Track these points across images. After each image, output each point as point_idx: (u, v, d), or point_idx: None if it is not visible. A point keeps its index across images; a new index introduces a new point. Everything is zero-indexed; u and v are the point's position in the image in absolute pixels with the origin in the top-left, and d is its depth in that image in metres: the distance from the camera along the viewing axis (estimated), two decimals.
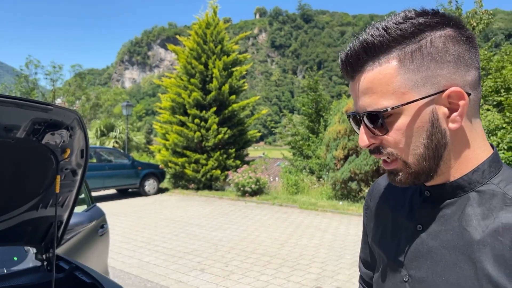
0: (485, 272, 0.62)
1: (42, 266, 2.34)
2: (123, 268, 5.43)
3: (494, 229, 0.63)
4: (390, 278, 0.78)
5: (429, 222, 0.72)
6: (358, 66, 0.67)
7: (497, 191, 0.67)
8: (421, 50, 0.64)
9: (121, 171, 12.05)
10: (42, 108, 1.59)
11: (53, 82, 31.20)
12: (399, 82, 0.64)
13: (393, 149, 0.68)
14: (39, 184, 1.98)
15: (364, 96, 0.67)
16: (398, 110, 0.65)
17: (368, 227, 0.91)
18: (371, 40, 0.65)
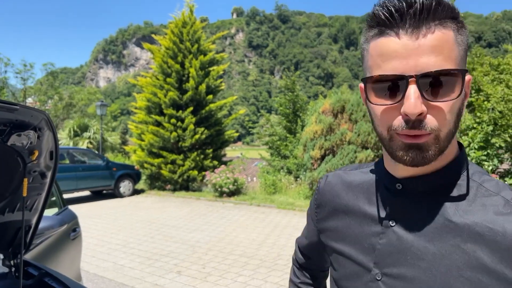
0: (480, 261, 0.61)
1: (10, 273, 2.25)
2: (97, 272, 5.30)
3: (480, 219, 0.63)
4: (357, 277, 0.74)
5: (404, 216, 0.70)
6: (427, 20, 0.60)
7: (473, 183, 0.67)
8: (465, 31, 0.64)
9: (95, 172, 11.77)
10: (7, 108, 1.52)
11: (24, 81, 30.21)
12: (456, 53, 0.62)
13: (438, 120, 0.61)
14: (5, 187, 1.90)
15: (429, 55, 0.59)
16: (456, 78, 0.61)
17: (322, 226, 0.87)
18: (442, 0, 0.61)
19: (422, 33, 0.60)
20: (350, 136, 9.82)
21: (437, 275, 0.64)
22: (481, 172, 0.70)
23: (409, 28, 0.60)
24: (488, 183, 0.67)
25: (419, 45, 0.59)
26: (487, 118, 10.11)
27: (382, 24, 0.63)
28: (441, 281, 0.63)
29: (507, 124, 9.88)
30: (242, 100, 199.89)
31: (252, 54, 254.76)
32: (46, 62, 33.59)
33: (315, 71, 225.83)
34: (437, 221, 0.66)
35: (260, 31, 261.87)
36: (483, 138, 9.81)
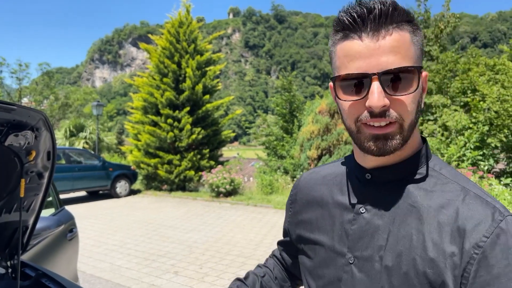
0: (434, 241, 0.68)
1: (7, 274, 2.23)
2: (94, 273, 5.27)
3: (437, 204, 0.70)
4: (331, 263, 0.80)
5: (373, 203, 0.76)
6: (385, 24, 0.67)
7: (434, 172, 0.75)
8: (420, 32, 0.72)
9: (91, 173, 11.72)
10: (4, 108, 1.51)
11: (19, 81, 30.06)
12: (413, 51, 0.70)
13: (400, 111, 0.69)
14: (2, 188, 1.88)
15: (389, 54, 0.67)
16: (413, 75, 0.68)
17: (296, 219, 0.94)
18: (398, 6, 0.69)
19: (382, 35, 0.67)
20: (347, 136, 9.83)
21: (399, 254, 0.71)
22: (441, 162, 0.78)
23: (370, 31, 0.67)
24: (446, 171, 0.76)
25: (380, 46, 0.67)
26: (483, 118, 10.16)
27: (346, 29, 0.70)
28: (402, 260, 0.70)
29: (502, 124, 9.94)
30: (239, 100, 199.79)
31: (248, 54, 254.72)
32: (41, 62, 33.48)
33: (311, 71, 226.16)
34: (401, 206, 0.73)
35: (256, 31, 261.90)
36: (479, 138, 9.86)
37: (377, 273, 0.73)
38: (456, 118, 10.45)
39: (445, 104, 11.45)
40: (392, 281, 0.70)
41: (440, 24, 12.85)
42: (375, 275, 0.73)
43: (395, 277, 0.70)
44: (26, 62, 30.33)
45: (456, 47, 13.89)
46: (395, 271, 0.70)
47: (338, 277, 0.78)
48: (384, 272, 0.72)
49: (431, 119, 11.57)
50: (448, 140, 10.59)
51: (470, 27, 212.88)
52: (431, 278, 0.67)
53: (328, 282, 0.81)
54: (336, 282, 0.79)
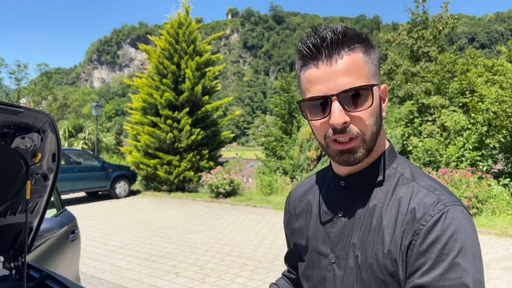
0: (390, 235, 0.76)
1: (11, 275, 2.23)
2: (94, 274, 5.28)
3: (395, 201, 0.79)
4: (318, 264, 0.88)
5: (347, 207, 0.85)
6: (337, 49, 0.76)
7: (396, 173, 0.83)
8: (374, 50, 0.81)
9: (91, 173, 11.72)
10: (11, 110, 1.52)
11: (18, 82, 30.00)
12: (366, 69, 0.78)
13: (360, 126, 0.77)
14: (8, 190, 1.89)
15: (343, 76, 0.75)
16: (366, 91, 0.76)
17: (291, 229, 1.02)
18: (346, 31, 0.77)
19: (335, 60, 0.75)
20: None
21: (366, 250, 0.79)
22: (404, 163, 0.86)
23: (325, 58, 0.76)
24: (407, 171, 0.83)
25: (335, 70, 0.75)
26: (482, 119, 10.20)
27: (305, 57, 0.79)
28: (367, 256, 0.78)
29: (501, 125, 9.97)
30: (237, 101, 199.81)
31: (247, 54, 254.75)
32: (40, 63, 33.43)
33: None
34: (368, 207, 0.81)
35: (255, 31, 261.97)
36: (478, 138, 9.89)
37: (351, 269, 0.81)
38: (454, 118, 10.49)
39: (443, 105, 11.49)
40: (362, 275, 0.79)
41: (439, 25, 12.89)
42: (350, 271, 0.81)
43: (364, 271, 0.78)
44: (24, 63, 30.31)
45: (454, 48, 13.94)
46: (363, 266, 0.79)
47: (324, 276, 0.86)
48: (357, 267, 0.80)
49: (430, 119, 11.60)
50: (447, 140, 10.63)
51: (468, 28, 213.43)
52: (390, 268, 0.75)
53: (316, 282, 0.89)
54: (322, 281, 0.87)
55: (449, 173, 8.31)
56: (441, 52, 13.06)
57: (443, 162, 9.79)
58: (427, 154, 10.12)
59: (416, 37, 12.95)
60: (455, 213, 0.73)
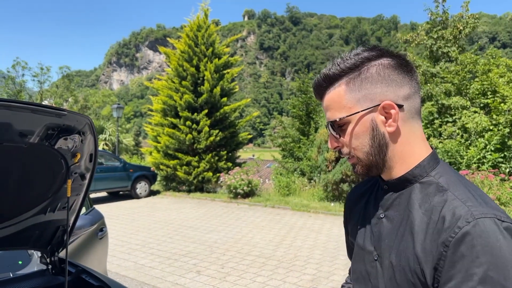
0: (420, 242, 0.81)
1: (47, 270, 2.35)
2: (119, 271, 5.43)
3: (429, 209, 0.83)
4: (363, 260, 0.96)
5: (388, 209, 0.91)
6: (321, 91, 0.91)
7: (433, 181, 0.87)
8: (360, 76, 0.86)
9: (112, 174, 11.98)
10: (55, 113, 1.62)
11: (41, 84, 30.80)
12: (347, 100, 0.87)
13: (349, 148, 0.90)
14: (48, 188, 2.00)
15: (327, 112, 0.90)
16: (347, 120, 0.87)
17: (347, 228, 1.11)
18: (327, 73, 0.88)
19: (323, 98, 0.91)
20: None
21: (399, 253, 0.84)
22: (444, 171, 0.89)
23: (319, 97, 0.93)
24: (443, 179, 0.86)
25: (324, 106, 0.91)
26: (504, 120, 10.02)
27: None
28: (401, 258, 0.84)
29: None
30: (253, 102, 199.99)
31: (263, 56, 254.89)
32: (62, 65, 34.16)
33: None
34: (405, 212, 0.87)
35: (271, 33, 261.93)
36: (500, 140, 9.73)
37: (387, 268, 0.87)
38: (476, 120, 10.33)
39: (464, 106, 11.33)
40: (396, 276, 0.85)
41: (459, 25, 12.71)
42: (387, 270, 0.88)
43: (397, 272, 0.85)
44: (47, 66, 31.05)
45: (475, 48, 13.72)
46: (397, 268, 0.85)
47: (368, 271, 0.94)
48: (391, 268, 0.86)
49: (450, 120, 11.46)
50: (468, 142, 10.48)
51: (489, 27, 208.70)
52: (418, 273, 0.80)
53: (360, 276, 0.97)
54: (366, 275, 0.94)
55: (470, 175, 8.20)
56: (462, 52, 12.88)
57: (464, 163, 9.66)
58: (448, 156, 9.99)
59: (435, 37, 12.80)
60: (484, 226, 0.74)
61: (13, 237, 2.07)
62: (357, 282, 0.98)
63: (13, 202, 1.93)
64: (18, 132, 1.58)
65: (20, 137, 1.61)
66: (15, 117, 1.52)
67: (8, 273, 2.32)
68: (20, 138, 1.61)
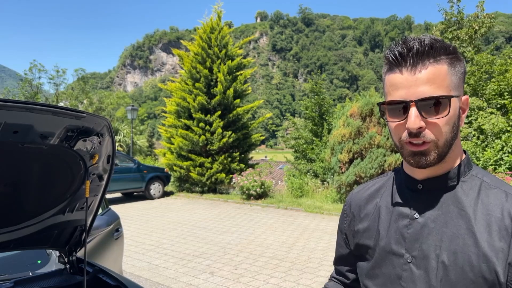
0: (485, 240, 0.79)
1: (66, 269, 2.38)
2: (133, 272, 5.49)
3: (484, 207, 0.82)
4: (390, 263, 0.91)
5: (426, 209, 0.88)
6: (422, 59, 0.81)
7: (478, 179, 0.87)
8: (460, 64, 0.85)
9: (126, 175, 12.10)
10: (75, 115, 1.65)
11: (57, 86, 31.30)
12: (449, 81, 0.82)
13: (434, 132, 0.82)
14: (67, 189, 2.03)
15: (425, 85, 0.81)
16: (445, 101, 0.81)
17: (355, 230, 1.04)
18: (434, 43, 0.82)
19: (419, 69, 0.81)
20: (379, 140, 9.75)
21: (454, 253, 0.82)
22: (482, 171, 0.90)
23: (409, 66, 0.81)
24: (487, 178, 0.87)
25: (417, 78, 0.81)
26: None
27: (391, 63, 0.85)
28: (457, 257, 0.81)
29: None
30: (266, 104, 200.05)
31: (276, 57, 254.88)
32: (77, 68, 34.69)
33: (339, 74, 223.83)
34: (452, 211, 0.85)
35: (284, 34, 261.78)
36: None
37: (434, 269, 0.84)
38: (492, 121, 10.17)
39: (480, 107, 11.16)
40: (449, 275, 0.82)
41: (474, 24, 12.54)
42: (432, 271, 0.84)
43: (452, 272, 0.82)
44: (63, 68, 31.55)
45: (491, 48, 13.51)
46: (451, 267, 0.82)
47: (398, 275, 0.89)
48: (441, 268, 0.83)
49: (466, 122, 11.30)
50: (484, 144, 10.31)
51: (505, 26, 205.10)
52: (485, 271, 0.78)
53: (387, 281, 0.92)
54: (396, 280, 0.90)
55: None
56: (477, 52, 12.69)
57: (480, 165, 9.51)
58: None
59: (450, 37, 12.65)
60: None
61: (32, 236, 2.11)
62: (384, 287, 0.93)
63: (33, 202, 1.97)
64: (40, 134, 1.62)
65: (41, 138, 1.64)
66: (36, 119, 1.55)
67: (27, 272, 2.37)
68: (41, 140, 1.65)
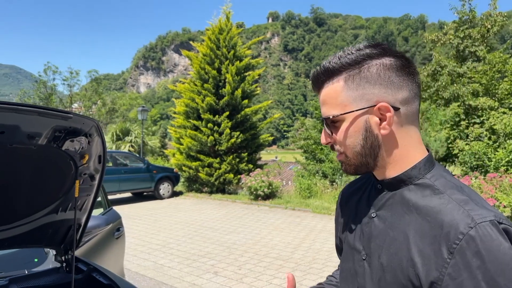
0: (416, 244, 0.79)
1: (62, 267, 2.41)
2: (138, 271, 5.53)
3: (424, 212, 0.81)
4: (351, 259, 0.95)
5: (379, 209, 0.90)
6: (319, 84, 0.89)
7: (428, 183, 0.85)
8: (360, 74, 0.83)
9: (136, 175, 12.22)
10: (62, 116, 1.67)
11: (70, 88, 31.77)
12: (343, 97, 0.84)
13: (340, 146, 0.88)
14: (59, 188, 2.06)
15: (322, 106, 0.89)
16: (341, 118, 0.85)
17: (338, 223, 1.10)
18: (328, 65, 0.86)
19: (320, 91, 0.89)
20: None
21: (391, 254, 0.83)
22: (440, 173, 0.87)
23: (316, 89, 0.91)
24: (439, 182, 0.84)
25: (320, 100, 0.89)
26: None
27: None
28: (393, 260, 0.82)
29: None
30: (277, 104, 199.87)
31: (287, 57, 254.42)
32: (91, 69, 35.16)
33: None
34: (398, 213, 0.85)
35: (295, 34, 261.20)
36: None
37: (376, 268, 0.86)
38: (504, 121, 9.98)
39: (492, 107, 10.96)
40: (385, 276, 0.83)
41: (487, 23, 12.32)
42: (375, 270, 0.86)
43: (387, 273, 0.83)
44: (76, 70, 32.01)
45: (505, 47, 13.27)
46: (387, 268, 0.83)
47: (356, 270, 0.93)
48: (380, 268, 0.85)
49: (477, 122, 11.11)
50: (496, 144, 10.13)
51: None
52: (412, 276, 0.78)
53: (349, 275, 0.96)
54: (354, 274, 0.93)
55: (498, 178, 7.93)
56: (490, 51, 12.47)
57: (492, 166, 9.34)
58: (475, 158, 9.69)
59: (462, 36, 12.46)
60: (486, 230, 0.72)
61: (27, 235, 2.14)
62: (345, 281, 0.97)
63: (25, 202, 2.01)
64: (26, 134, 1.64)
65: (29, 139, 1.67)
66: (22, 120, 1.57)
67: (23, 270, 2.40)
68: (28, 140, 1.67)
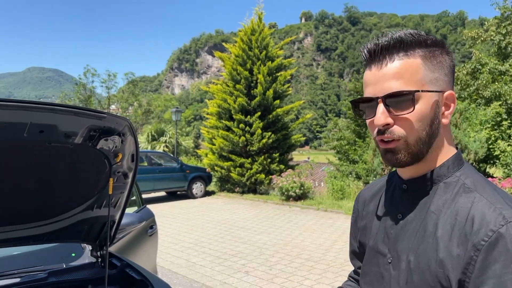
0: (444, 244, 0.76)
1: (97, 262, 2.50)
2: (171, 268, 5.64)
3: (454, 211, 0.78)
4: (376, 262, 0.91)
5: (407, 210, 0.86)
6: (389, 54, 0.80)
7: (458, 181, 0.82)
8: (436, 58, 0.81)
9: (170, 174, 12.47)
10: (96, 116, 1.74)
11: (108, 90, 32.83)
12: (421, 75, 0.79)
13: (402, 129, 0.79)
14: (94, 186, 2.14)
15: (392, 80, 0.78)
16: (419, 95, 0.78)
17: (357, 227, 1.06)
18: (404, 37, 0.79)
19: (385, 64, 0.79)
20: None
21: (419, 255, 0.80)
22: (469, 172, 0.84)
23: (377, 62, 0.80)
24: (469, 181, 0.82)
25: (384, 74, 0.79)
26: None
27: (364, 61, 0.84)
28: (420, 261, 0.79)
29: None
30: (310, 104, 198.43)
31: (320, 57, 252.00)
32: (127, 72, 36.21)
33: None
34: (426, 213, 0.82)
35: (329, 34, 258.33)
36: None
37: (403, 271, 0.83)
38: None
39: None
40: (413, 278, 0.80)
41: None
42: (402, 273, 0.83)
43: (415, 275, 0.80)
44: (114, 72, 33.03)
45: None
46: (415, 270, 0.80)
47: (381, 274, 0.90)
48: (408, 270, 0.82)
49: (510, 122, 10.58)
50: None
51: None
52: (441, 277, 0.76)
53: (374, 279, 0.93)
54: (380, 279, 0.90)
55: None
56: None
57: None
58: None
59: (504, 32, 11.91)
60: None
61: (64, 230, 2.24)
62: (370, 285, 0.93)
63: (62, 198, 2.09)
64: (64, 133, 1.72)
65: (65, 138, 1.74)
66: (60, 120, 1.65)
67: (61, 264, 2.51)
68: (65, 139, 1.75)
